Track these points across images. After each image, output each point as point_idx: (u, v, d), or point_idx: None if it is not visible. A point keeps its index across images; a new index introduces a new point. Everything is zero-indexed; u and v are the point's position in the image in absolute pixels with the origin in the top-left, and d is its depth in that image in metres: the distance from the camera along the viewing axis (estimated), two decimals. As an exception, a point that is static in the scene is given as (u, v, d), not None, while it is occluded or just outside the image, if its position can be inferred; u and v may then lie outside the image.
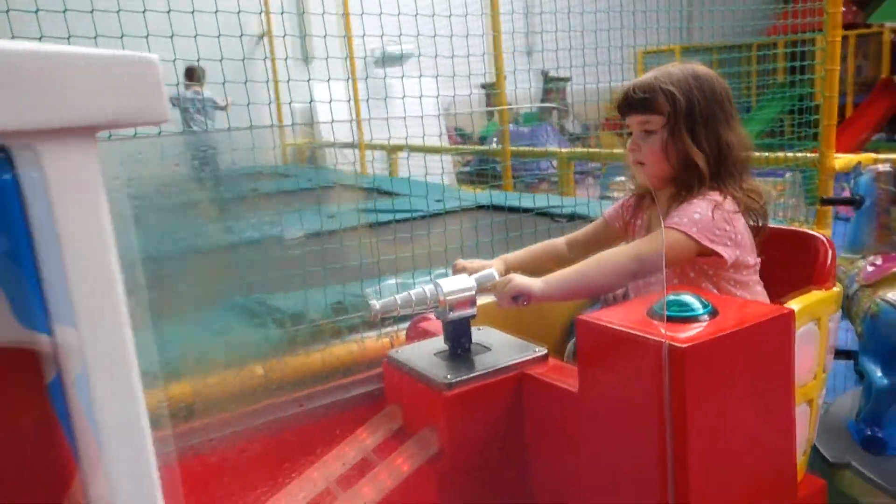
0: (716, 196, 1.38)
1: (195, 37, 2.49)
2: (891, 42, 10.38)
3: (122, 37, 2.34)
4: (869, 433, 2.12)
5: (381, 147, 5.99)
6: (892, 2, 9.66)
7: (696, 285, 1.38)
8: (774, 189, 4.46)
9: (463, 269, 1.40)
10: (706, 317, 1.05)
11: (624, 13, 4.71)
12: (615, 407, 1.07)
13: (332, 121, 3.10)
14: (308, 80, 3.14)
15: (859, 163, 3.26)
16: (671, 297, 1.08)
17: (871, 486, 2.02)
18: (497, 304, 1.30)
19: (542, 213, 3.25)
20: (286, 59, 3.60)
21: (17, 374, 0.51)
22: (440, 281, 1.27)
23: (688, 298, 1.07)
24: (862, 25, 10.45)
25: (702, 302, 1.08)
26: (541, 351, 1.31)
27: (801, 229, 1.77)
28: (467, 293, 1.27)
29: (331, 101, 3.00)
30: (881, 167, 2.97)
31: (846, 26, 9.44)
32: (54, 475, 0.52)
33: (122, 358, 0.54)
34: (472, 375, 1.23)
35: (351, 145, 5.89)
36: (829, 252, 1.50)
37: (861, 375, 2.19)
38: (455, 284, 1.27)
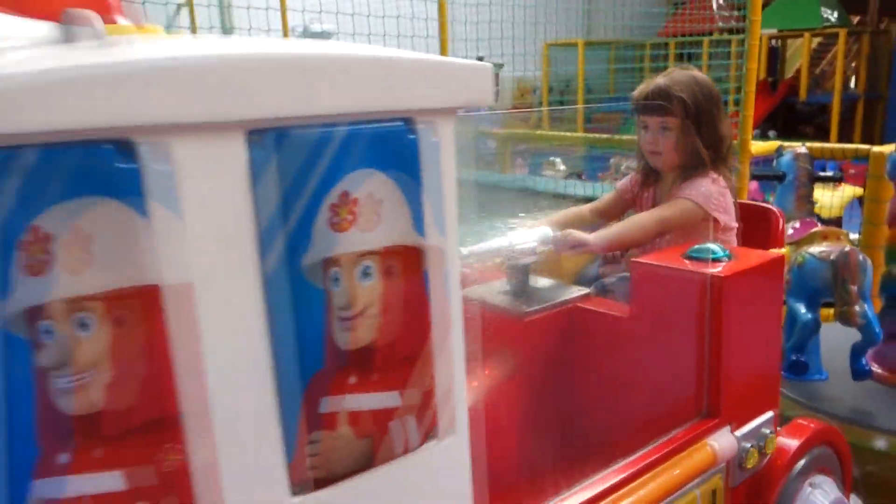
0: (713, 175, 1.79)
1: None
2: (768, 47, 11.44)
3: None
4: (794, 358, 2.64)
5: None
6: (770, 11, 10.66)
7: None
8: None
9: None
10: (726, 259, 1.45)
11: (528, 8, 5.04)
12: (662, 328, 1.45)
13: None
14: None
15: (781, 146, 3.83)
16: (699, 246, 1.47)
17: (792, 402, 2.52)
18: (556, 252, 1.66)
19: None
20: (210, 30, 3.56)
21: (411, 266, 0.83)
22: (516, 232, 1.62)
23: (713, 246, 1.47)
24: (743, 31, 11.38)
25: (722, 249, 1.47)
26: (584, 290, 1.68)
27: (758, 203, 2.21)
28: (534, 243, 1.63)
29: None
30: (799, 149, 3.55)
31: (730, 31, 10.37)
32: (420, 335, 0.85)
33: (457, 260, 0.88)
34: (540, 307, 1.59)
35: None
36: (780, 221, 1.93)
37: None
38: (529, 236, 1.62)
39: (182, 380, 0.67)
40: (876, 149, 3.49)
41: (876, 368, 2.63)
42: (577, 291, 1.68)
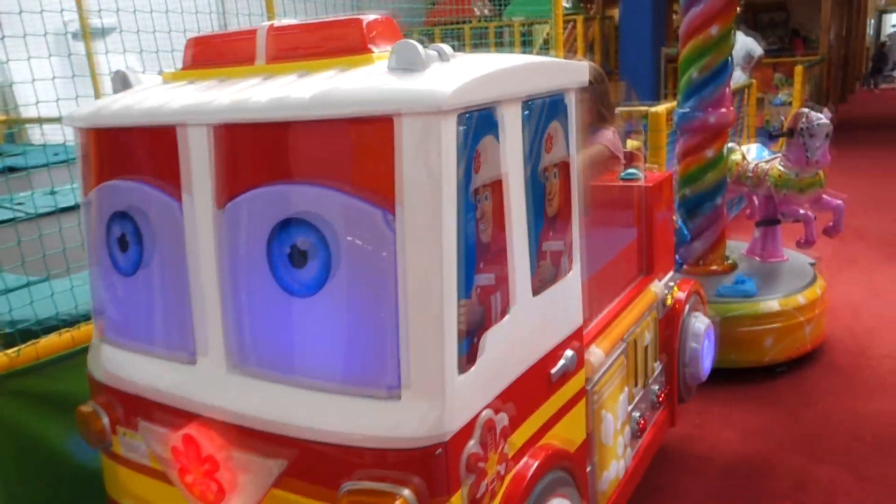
0: (611, 129, 2.66)
1: None
2: (520, 33, 13.16)
3: None
4: None
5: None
6: (518, 3, 12.32)
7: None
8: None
9: None
10: (643, 178, 2.32)
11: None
12: (613, 225, 2.29)
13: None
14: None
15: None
16: (626, 172, 2.33)
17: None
18: None
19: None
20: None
21: (564, 171, 1.56)
22: None
23: (634, 171, 2.33)
24: (496, 18, 13.00)
25: (639, 172, 2.34)
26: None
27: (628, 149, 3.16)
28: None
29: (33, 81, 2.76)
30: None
31: (488, 18, 11.86)
32: (568, 208, 1.59)
33: (577, 167, 1.62)
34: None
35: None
36: (643, 157, 2.88)
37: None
38: None
39: (503, 230, 1.35)
40: (653, 109, 4.66)
41: (684, 266, 3.74)
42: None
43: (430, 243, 1.17)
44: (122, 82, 1.62)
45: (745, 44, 8.24)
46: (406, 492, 1.21)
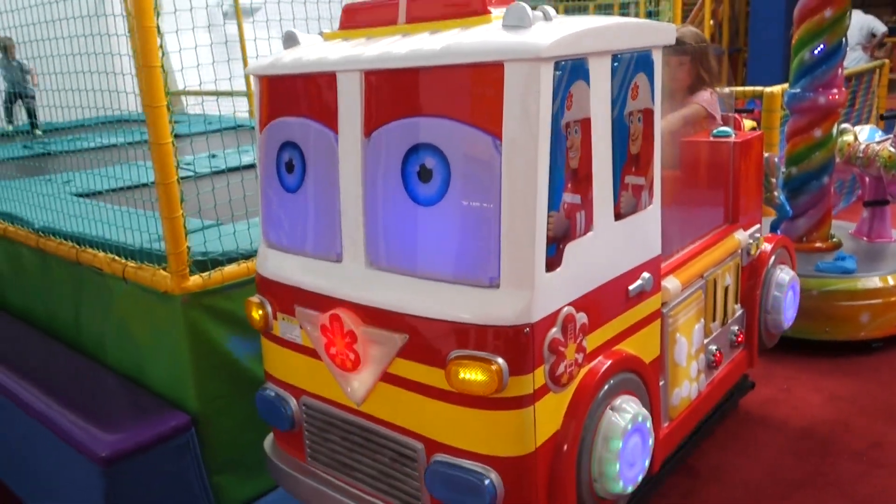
0: (710, 90, 2.85)
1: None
2: (645, 10, 12.87)
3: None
4: None
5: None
6: None
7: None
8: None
9: None
10: (733, 135, 2.52)
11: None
12: (705, 178, 2.51)
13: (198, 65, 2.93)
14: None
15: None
16: (718, 129, 2.54)
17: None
18: None
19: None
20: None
21: (648, 117, 1.84)
22: None
23: (726, 129, 2.53)
24: None
25: (731, 130, 2.54)
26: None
27: (726, 113, 3.32)
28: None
29: (180, 51, 2.87)
30: (725, 90, 4.74)
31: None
32: (650, 149, 1.86)
33: (659, 114, 1.89)
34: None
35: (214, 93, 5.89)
36: (742, 122, 3.03)
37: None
38: None
39: (588, 161, 1.64)
40: (768, 89, 4.70)
41: (785, 237, 3.85)
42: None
43: (527, 165, 1.50)
44: (290, 40, 2.03)
45: (865, 22, 7.89)
46: (500, 360, 1.55)
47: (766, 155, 3.66)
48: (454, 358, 1.59)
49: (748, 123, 6.73)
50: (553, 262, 1.58)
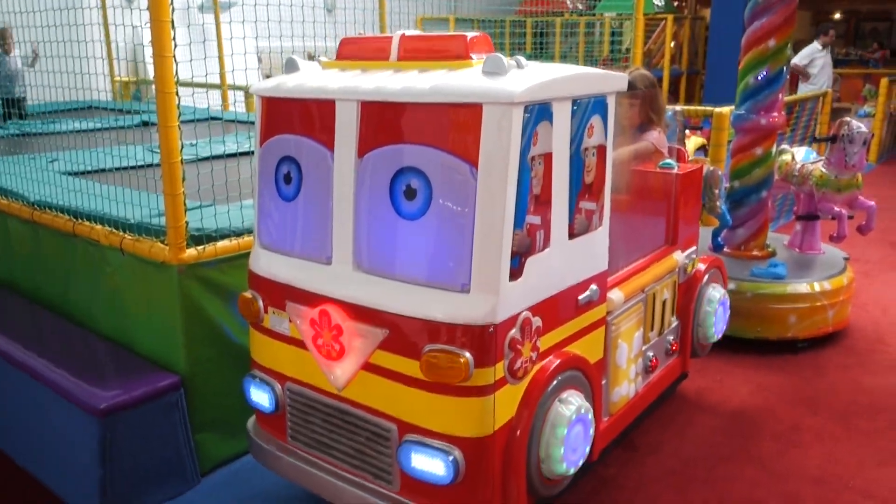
0: (657, 129, 3.19)
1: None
2: (611, 28, 13.39)
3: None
4: None
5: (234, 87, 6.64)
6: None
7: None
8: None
9: None
10: (677, 168, 2.85)
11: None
12: (648, 205, 2.84)
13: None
14: (133, 26, 3.68)
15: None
16: (664, 162, 2.87)
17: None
18: None
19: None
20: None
21: (601, 152, 2.15)
22: None
23: (670, 161, 2.86)
24: (588, 13, 13.25)
25: (675, 163, 2.87)
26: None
27: (673, 145, 3.67)
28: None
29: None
30: (677, 108, 5.12)
31: (579, 13, 12.16)
32: (602, 179, 2.18)
33: (611, 149, 2.21)
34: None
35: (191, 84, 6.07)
36: (687, 156, 3.38)
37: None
38: None
39: (548, 187, 1.94)
40: (717, 110, 5.09)
41: (725, 248, 4.23)
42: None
43: (497, 190, 1.79)
44: (291, 66, 2.28)
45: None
46: (467, 353, 1.83)
47: (710, 168, 3.98)
48: (428, 351, 1.87)
49: (698, 140, 7.15)
50: (515, 272, 1.87)
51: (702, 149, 6.93)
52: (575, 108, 2.00)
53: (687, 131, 6.58)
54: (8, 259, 3.68)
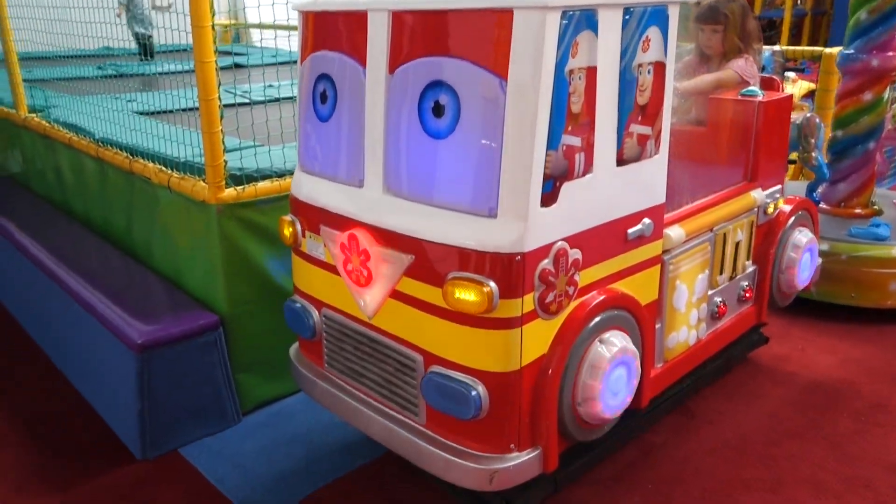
0: (746, 56, 2.88)
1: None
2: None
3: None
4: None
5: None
6: None
7: (734, 95, 2.90)
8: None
9: None
10: (761, 96, 2.56)
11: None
12: (729, 136, 2.57)
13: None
14: None
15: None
16: (746, 89, 2.58)
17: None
18: None
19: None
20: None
21: (659, 69, 1.93)
22: None
23: (754, 89, 2.58)
24: None
25: (759, 90, 2.58)
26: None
27: (764, 75, 3.32)
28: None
29: None
30: (775, 49, 4.67)
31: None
32: (660, 100, 1.95)
33: (672, 65, 1.97)
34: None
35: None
36: (781, 83, 3.03)
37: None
38: None
39: (592, 106, 1.75)
40: (827, 50, 4.60)
41: (822, 204, 3.84)
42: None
43: (528, 106, 1.63)
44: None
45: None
46: (492, 283, 1.71)
47: (807, 115, 3.64)
48: (451, 278, 1.76)
49: (805, 85, 6.54)
50: (548, 198, 1.72)
51: (809, 95, 6.33)
52: (627, 17, 1.79)
53: (792, 74, 6.03)
54: (83, 196, 3.83)
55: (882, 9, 3.57)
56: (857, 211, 3.82)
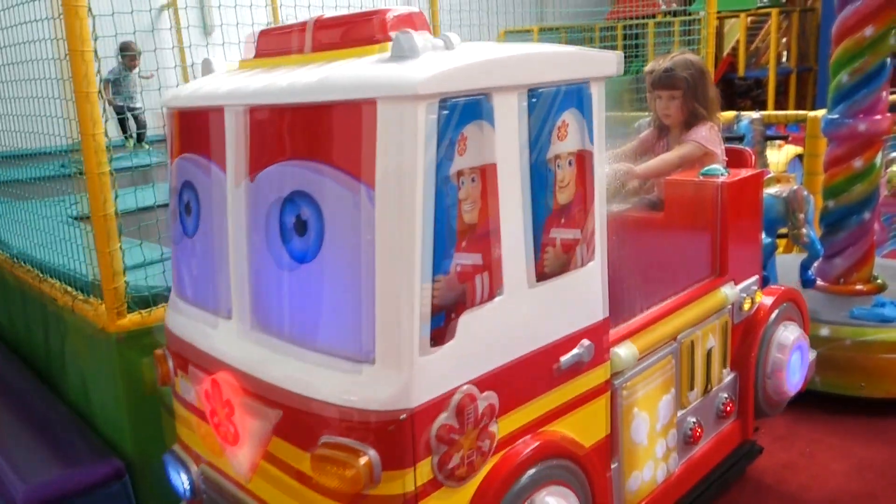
0: (708, 124, 2.54)
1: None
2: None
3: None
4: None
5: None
6: None
7: (700, 172, 2.54)
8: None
9: None
10: (726, 175, 2.20)
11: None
12: (687, 222, 2.20)
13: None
14: (206, 45, 3.19)
15: (739, 113, 4.63)
16: (707, 168, 2.23)
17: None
18: (616, 179, 2.36)
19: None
20: (188, 28, 3.83)
21: (583, 161, 1.55)
22: None
23: (717, 167, 2.22)
24: (682, 13, 12.26)
25: (723, 168, 2.23)
26: (627, 206, 2.42)
27: (734, 146, 2.98)
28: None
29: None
30: (754, 116, 4.37)
31: (672, 13, 11.27)
32: (588, 198, 1.58)
33: (603, 158, 1.60)
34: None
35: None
36: (752, 156, 2.69)
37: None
38: None
39: (493, 213, 1.38)
40: (811, 114, 4.30)
41: (818, 281, 3.45)
42: (622, 206, 2.41)
43: (400, 220, 1.25)
44: (207, 67, 1.84)
45: None
46: (371, 452, 1.30)
47: (794, 188, 3.29)
48: (322, 444, 1.35)
49: (792, 150, 6.20)
50: (440, 335, 1.33)
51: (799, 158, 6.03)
52: (534, 100, 1.43)
53: (779, 141, 5.74)
54: (7, 312, 3.46)
55: (864, 69, 3.26)
56: (859, 287, 3.41)
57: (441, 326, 1.33)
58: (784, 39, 12.52)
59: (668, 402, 1.94)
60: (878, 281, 3.46)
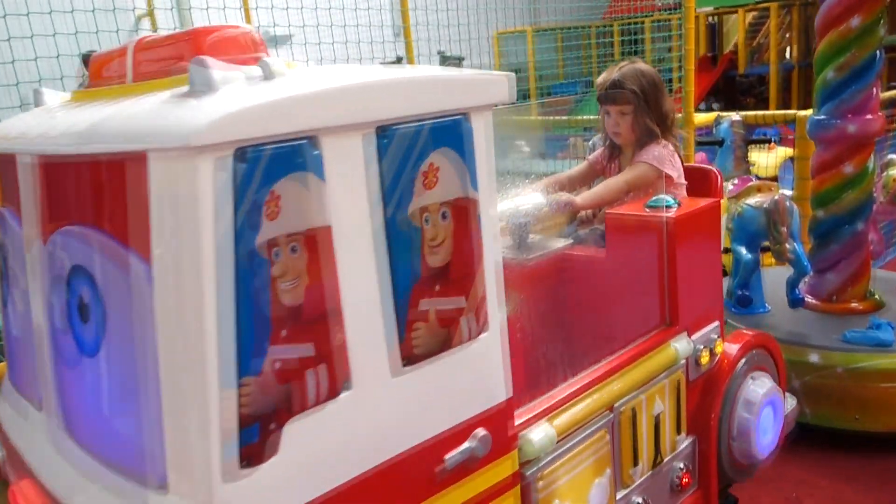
0: (663, 142, 2.22)
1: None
2: (706, 24, 12.05)
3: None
4: (740, 293, 3.09)
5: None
6: None
7: (656, 197, 2.22)
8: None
9: None
10: (676, 206, 1.88)
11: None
12: (630, 262, 1.88)
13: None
14: None
15: (718, 115, 4.30)
16: (655, 198, 1.90)
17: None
18: (550, 210, 2.05)
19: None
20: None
21: (466, 211, 1.23)
22: (516, 198, 2.01)
23: (665, 197, 1.89)
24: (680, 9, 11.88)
25: (672, 199, 1.90)
26: (569, 241, 2.10)
27: (698, 165, 2.65)
28: (530, 205, 2.03)
29: None
30: (734, 117, 4.04)
31: (670, 9, 10.92)
32: (474, 257, 1.25)
33: (494, 206, 1.28)
34: (538, 255, 1.99)
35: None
36: (718, 177, 2.36)
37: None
38: (525, 200, 2.02)
39: (329, 288, 1.07)
40: (801, 113, 3.97)
41: (809, 299, 3.11)
42: (564, 242, 2.09)
43: (183, 307, 0.94)
44: (38, 100, 1.54)
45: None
46: None
47: (775, 198, 2.96)
48: None
49: (783, 152, 5.84)
50: (255, 452, 1.01)
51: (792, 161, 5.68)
52: (385, 141, 1.12)
53: (771, 143, 5.38)
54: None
55: (852, 64, 2.93)
56: (854, 305, 3.08)
57: (255, 441, 1.01)
58: (787, 35, 12.16)
59: (603, 485, 1.62)
60: (875, 297, 3.13)
